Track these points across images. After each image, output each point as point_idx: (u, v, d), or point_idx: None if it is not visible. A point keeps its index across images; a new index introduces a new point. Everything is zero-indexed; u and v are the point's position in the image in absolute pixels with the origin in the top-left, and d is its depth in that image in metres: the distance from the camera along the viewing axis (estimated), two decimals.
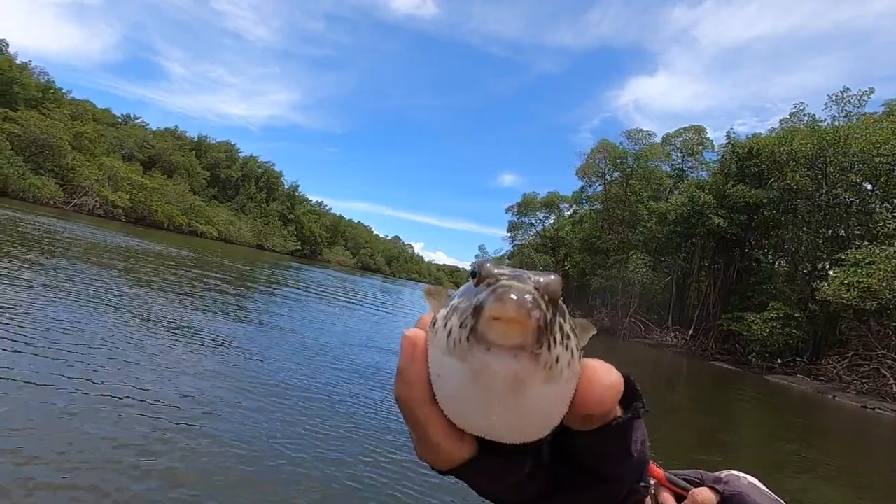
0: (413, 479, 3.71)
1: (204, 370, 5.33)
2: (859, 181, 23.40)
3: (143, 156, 62.71)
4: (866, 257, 18.95)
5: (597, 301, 41.05)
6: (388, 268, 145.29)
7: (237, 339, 7.25)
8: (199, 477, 3.09)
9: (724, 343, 28.22)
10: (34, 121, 41.71)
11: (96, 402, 3.82)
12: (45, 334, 5.18)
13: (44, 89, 49.74)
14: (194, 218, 61.68)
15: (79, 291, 7.81)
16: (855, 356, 20.38)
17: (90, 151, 48.68)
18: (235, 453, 3.49)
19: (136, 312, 7.31)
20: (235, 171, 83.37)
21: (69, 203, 42.93)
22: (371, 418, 5.04)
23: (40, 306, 6.31)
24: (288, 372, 6.14)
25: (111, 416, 3.63)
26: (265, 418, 4.33)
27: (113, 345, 5.43)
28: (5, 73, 43.07)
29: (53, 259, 10.64)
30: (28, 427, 3.21)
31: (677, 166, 39.59)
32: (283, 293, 16.42)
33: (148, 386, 4.44)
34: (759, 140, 28.21)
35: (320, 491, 3.29)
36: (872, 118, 24.34)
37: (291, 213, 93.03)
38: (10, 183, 38.20)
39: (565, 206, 52.82)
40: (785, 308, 23.08)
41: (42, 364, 4.29)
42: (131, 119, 72.07)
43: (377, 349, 9.39)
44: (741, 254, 30.57)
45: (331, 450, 3.95)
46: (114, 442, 3.26)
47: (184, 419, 3.88)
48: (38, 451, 2.96)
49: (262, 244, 79.35)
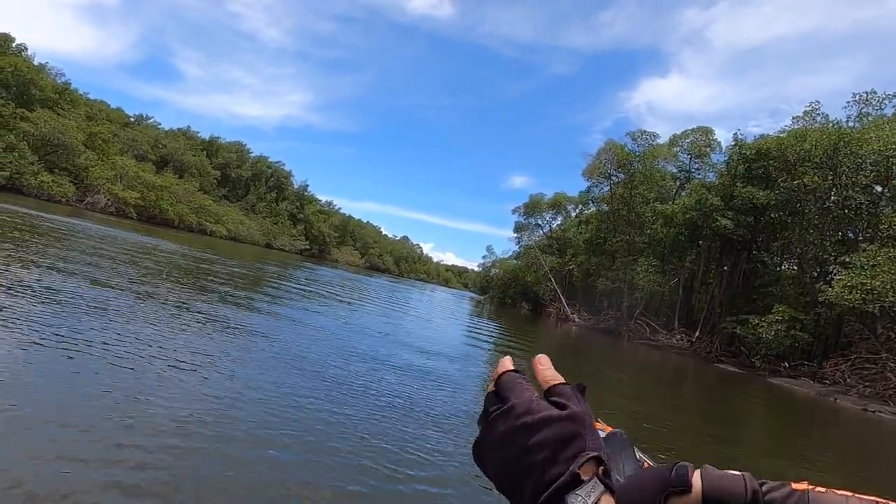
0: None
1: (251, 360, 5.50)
2: (870, 182, 23.07)
3: (155, 155, 63.80)
4: (871, 259, 18.71)
5: (604, 303, 40.87)
6: (397, 268, 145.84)
7: (281, 332, 7.44)
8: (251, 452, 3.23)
9: (729, 345, 27.96)
10: (49, 121, 42.71)
11: (159, 381, 3.99)
12: (100, 333, 5.38)
13: (60, 90, 50.86)
14: (204, 217, 62.58)
15: (119, 287, 8.05)
16: (858, 359, 20.11)
17: (103, 151, 49.66)
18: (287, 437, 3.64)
19: (170, 303, 7.53)
20: (246, 170, 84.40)
21: (82, 201, 43.85)
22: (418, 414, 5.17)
23: (103, 304, 6.54)
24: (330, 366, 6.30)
25: (172, 390, 3.82)
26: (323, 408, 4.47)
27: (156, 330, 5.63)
28: (23, 74, 44.15)
29: (79, 262, 10.95)
30: (71, 416, 3.41)
31: (684, 168, 39.28)
32: (318, 292, 16.67)
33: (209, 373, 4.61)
34: (768, 140, 27.89)
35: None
36: (886, 119, 23.99)
37: (301, 213, 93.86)
38: (25, 181, 39.15)
39: (572, 206, 52.66)
40: (790, 311, 22.82)
41: (104, 359, 4.48)
42: (144, 119, 73.34)
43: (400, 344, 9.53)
44: (747, 256, 30.26)
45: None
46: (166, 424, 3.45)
47: (245, 399, 4.03)
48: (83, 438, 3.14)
49: (271, 243, 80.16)
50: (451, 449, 4.47)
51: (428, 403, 5.92)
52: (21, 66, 44.27)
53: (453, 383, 7.45)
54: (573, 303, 44.35)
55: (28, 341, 4.59)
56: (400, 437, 4.46)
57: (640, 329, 34.59)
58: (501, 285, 57.42)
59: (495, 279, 60.05)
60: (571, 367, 14.84)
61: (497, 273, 60.27)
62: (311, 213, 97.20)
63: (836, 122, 25.28)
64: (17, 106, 42.04)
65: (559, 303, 45.02)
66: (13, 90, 43.41)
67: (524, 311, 49.45)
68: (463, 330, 18.96)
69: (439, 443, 4.56)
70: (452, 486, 3.73)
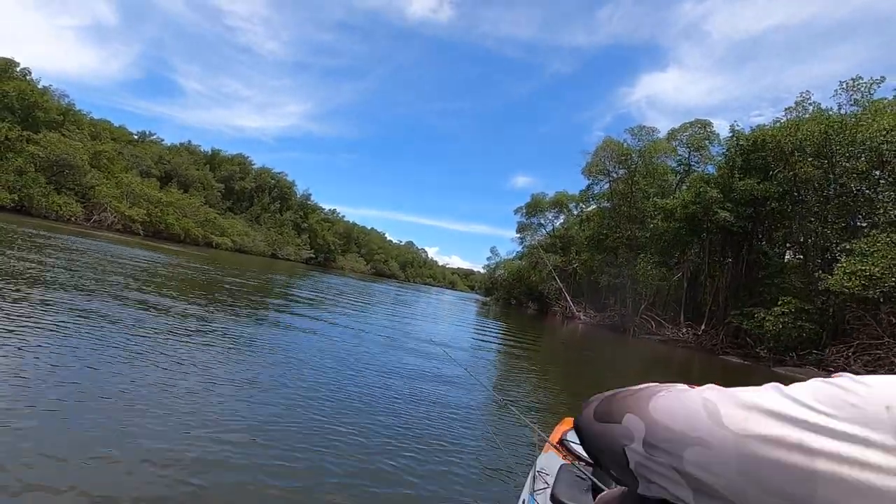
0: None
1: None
2: (866, 169, 23.06)
3: (159, 171, 64.71)
4: (871, 246, 18.71)
5: (609, 299, 40.91)
6: (402, 273, 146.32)
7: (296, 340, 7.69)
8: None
9: (734, 337, 27.93)
10: (55, 142, 43.53)
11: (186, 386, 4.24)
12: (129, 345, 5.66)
13: (64, 112, 51.84)
14: (209, 230, 63.30)
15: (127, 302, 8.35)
16: (861, 345, 20.06)
17: (108, 169, 50.50)
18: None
19: (178, 315, 7.81)
20: (249, 182, 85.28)
21: (89, 220, 44.56)
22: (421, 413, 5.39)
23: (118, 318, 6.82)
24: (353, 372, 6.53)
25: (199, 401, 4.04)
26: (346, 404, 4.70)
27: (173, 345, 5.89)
28: (27, 98, 45.07)
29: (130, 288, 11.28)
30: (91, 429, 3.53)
31: (683, 161, 39.33)
32: (333, 300, 16.95)
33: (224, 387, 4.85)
34: (764, 131, 27.89)
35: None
36: (881, 103, 23.93)
37: (304, 222, 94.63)
38: (34, 202, 39.91)
39: (573, 205, 52.78)
40: (796, 302, 22.78)
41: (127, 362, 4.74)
42: (147, 136, 74.35)
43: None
44: (749, 247, 30.23)
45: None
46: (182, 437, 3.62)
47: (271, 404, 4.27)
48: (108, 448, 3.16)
49: (276, 253, 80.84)
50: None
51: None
52: (25, 89, 45.20)
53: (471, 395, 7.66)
54: (578, 300, 44.40)
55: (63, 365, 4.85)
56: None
57: (645, 324, 34.61)
58: (507, 286, 57.55)
59: (500, 280, 60.21)
60: (580, 363, 15.00)
61: (502, 274, 60.43)
62: (314, 222, 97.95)
63: (829, 111, 25.28)
64: (23, 129, 42.91)
65: (564, 301, 45.10)
66: (18, 114, 44.32)
67: (530, 311, 49.51)
68: (471, 332, 19.14)
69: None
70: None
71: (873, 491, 0.32)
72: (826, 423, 0.36)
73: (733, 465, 0.38)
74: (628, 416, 0.49)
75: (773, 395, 0.41)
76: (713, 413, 0.42)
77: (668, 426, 0.45)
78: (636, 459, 0.47)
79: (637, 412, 0.48)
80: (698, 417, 0.42)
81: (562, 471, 2.27)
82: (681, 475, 0.43)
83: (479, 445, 4.69)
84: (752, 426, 0.39)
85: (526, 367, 11.35)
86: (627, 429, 0.49)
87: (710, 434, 0.41)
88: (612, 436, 0.51)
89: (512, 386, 8.57)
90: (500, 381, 9.02)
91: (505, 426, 5.74)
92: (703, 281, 34.63)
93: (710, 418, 0.41)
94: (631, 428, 0.48)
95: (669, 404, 0.46)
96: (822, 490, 0.34)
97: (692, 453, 0.42)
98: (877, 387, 0.36)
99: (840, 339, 21.94)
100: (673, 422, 0.44)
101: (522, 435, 5.28)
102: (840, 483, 0.33)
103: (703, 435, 0.41)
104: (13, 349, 4.77)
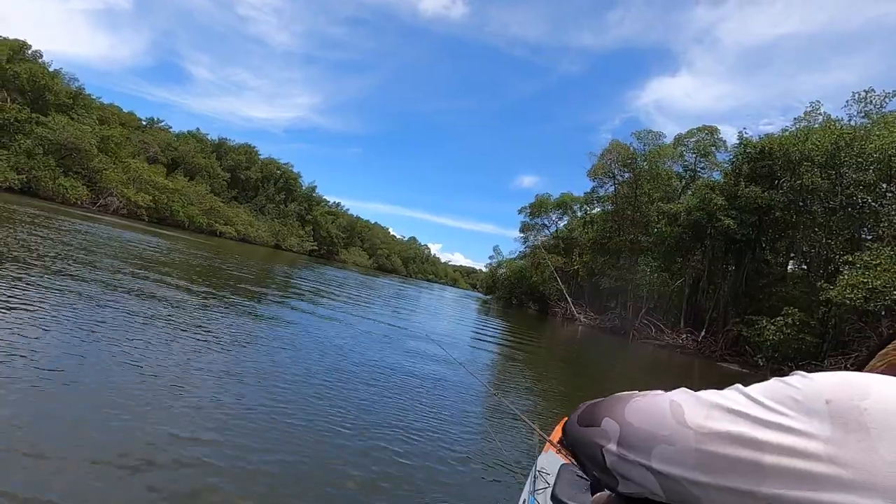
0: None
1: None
2: (874, 181, 22.99)
3: (166, 158, 64.84)
4: (874, 259, 18.69)
5: (610, 302, 40.92)
6: (405, 268, 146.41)
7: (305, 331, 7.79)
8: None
9: (734, 345, 27.95)
10: (64, 125, 43.71)
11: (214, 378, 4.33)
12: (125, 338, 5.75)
13: (74, 95, 51.92)
14: (214, 218, 63.49)
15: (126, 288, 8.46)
16: (858, 358, 20.01)
17: (116, 154, 50.67)
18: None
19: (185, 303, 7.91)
20: (255, 172, 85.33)
21: (95, 203, 44.80)
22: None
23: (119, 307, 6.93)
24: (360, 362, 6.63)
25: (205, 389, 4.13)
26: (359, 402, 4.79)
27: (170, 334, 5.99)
28: (38, 80, 45.20)
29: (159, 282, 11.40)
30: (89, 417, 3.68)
31: (690, 167, 39.21)
32: (336, 292, 17.06)
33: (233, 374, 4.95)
34: (772, 140, 27.81)
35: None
36: (893, 116, 23.80)
37: (309, 214, 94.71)
38: (42, 184, 40.14)
39: (577, 206, 52.74)
40: (801, 315, 22.75)
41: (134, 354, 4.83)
42: (155, 122, 74.46)
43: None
44: (752, 255, 30.19)
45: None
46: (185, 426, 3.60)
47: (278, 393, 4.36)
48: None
49: (279, 244, 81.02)
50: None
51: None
52: (36, 72, 45.32)
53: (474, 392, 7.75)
54: (579, 302, 44.42)
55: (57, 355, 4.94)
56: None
57: (645, 328, 34.63)
58: (508, 285, 57.60)
59: (502, 279, 60.24)
60: (580, 365, 15.08)
61: (504, 273, 60.46)
62: (319, 215, 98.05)
63: (839, 121, 25.17)
64: (33, 111, 43.09)
65: (565, 302, 45.13)
66: (29, 95, 44.48)
67: (531, 311, 49.57)
68: (472, 330, 19.23)
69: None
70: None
71: (814, 480, 0.35)
72: (772, 418, 0.39)
73: (692, 460, 0.42)
74: (606, 419, 0.54)
75: (732, 394, 0.45)
76: (677, 413, 0.46)
77: (640, 427, 0.49)
78: (611, 459, 0.51)
79: (613, 416, 0.53)
80: (665, 417, 0.47)
81: (562, 470, 2.34)
82: (650, 472, 0.46)
83: (480, 445, 4.76)
84: (710, 423, 0.43)
85: (526, 367, 11.42)
86: (605, 431, 0.53)
87: (674, 432, 0.45)
88: (591, 438, 0.55)
89: (512, 385, 8.63)
90: (500, 380, 9.08)
91: (505, 426, 5.82)
92: (705, 287, 34.61)
93: (674, 418, 0.46)
94: (608, 430, 0.53)
95: (641, 407, 0.51)
96: (769, 481, 0.37)
97: (659, 451, 0.46)
98: (818, 382, 0.40)
99: (840, 350, 21.94)
100: (643, 423, 0.49)
101: (522, 435, 5.35)
102: (784, 473, 0.36)
103: (669, 433, 0.45)
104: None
